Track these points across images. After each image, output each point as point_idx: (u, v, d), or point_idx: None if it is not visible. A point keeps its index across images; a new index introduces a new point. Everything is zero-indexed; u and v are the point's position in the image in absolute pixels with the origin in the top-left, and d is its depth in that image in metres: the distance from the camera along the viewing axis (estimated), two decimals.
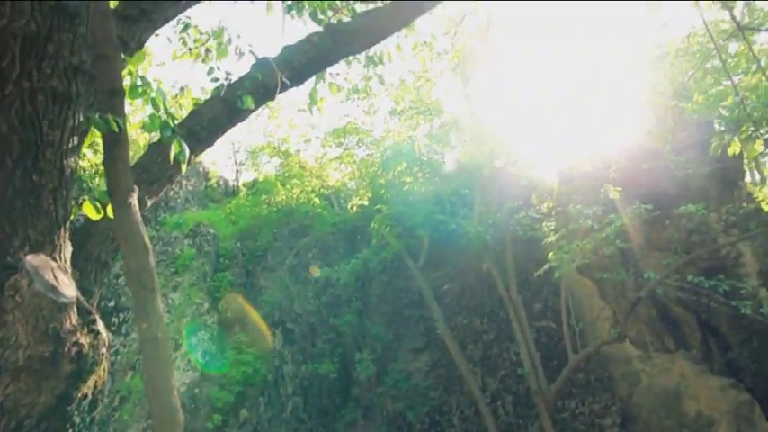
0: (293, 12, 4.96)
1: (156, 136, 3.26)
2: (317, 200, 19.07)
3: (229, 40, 5.28)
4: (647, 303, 11.91)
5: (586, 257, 11.21)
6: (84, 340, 2.50)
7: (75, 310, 2.51)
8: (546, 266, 11.56)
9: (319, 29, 4.42)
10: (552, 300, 13.98)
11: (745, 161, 12.62)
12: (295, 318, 16.36)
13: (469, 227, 14.38)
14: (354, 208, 17.39)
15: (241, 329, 15.11)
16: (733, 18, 5.01)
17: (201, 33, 5.48)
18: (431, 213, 15.55)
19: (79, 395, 2.50)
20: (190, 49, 5.50)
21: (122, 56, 3.37)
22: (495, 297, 14.67)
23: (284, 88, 4.03)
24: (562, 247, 11.33)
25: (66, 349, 2.40)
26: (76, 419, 2.53)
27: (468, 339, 15.07)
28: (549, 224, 12.26)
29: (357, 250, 17.45)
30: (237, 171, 25.34)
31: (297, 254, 17.53)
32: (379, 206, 15.91)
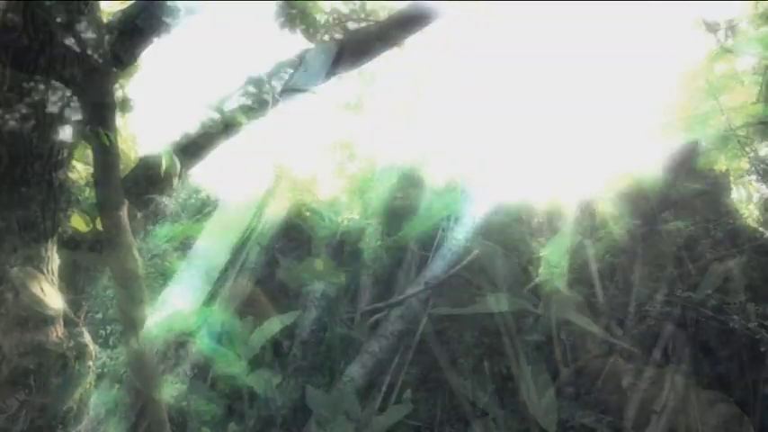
0: (286, 29, 5.01)
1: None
2: (307, 213, 19.01)
3: (222, 56, 5.32)
4: (636, 318, 11.96)
5: (577, 272, 11.28)
6: (70, 353, 2.48)
7: (62, 322, 2.49)
8: (537, 280, 11.61)
9: (312, 46, 4.47)
10: (542, 314, 13.96)
11: (732, 178, 12.80)
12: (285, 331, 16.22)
13: (460, 240, 14.39)
14: (345, 221, 17.36)
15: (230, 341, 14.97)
16: (718, 41, 5.13)
17: (195, 50, 5.52)
18: (421, 227, 15.54)
19: (64, 408, 2.48)
20: (183, 64, 5.53)
21: (114, 70, 3.39)
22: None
23: (276, 104, 4.06)
24: (552, 261, 11.40)
25: (51, 362, 2.39)
26: None
27: (459, 353, 15.01)
28: (539, 238, 12.34)
29: (347, 263, 17.38)
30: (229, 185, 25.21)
31: None
32: (369, 220, 15.90)
